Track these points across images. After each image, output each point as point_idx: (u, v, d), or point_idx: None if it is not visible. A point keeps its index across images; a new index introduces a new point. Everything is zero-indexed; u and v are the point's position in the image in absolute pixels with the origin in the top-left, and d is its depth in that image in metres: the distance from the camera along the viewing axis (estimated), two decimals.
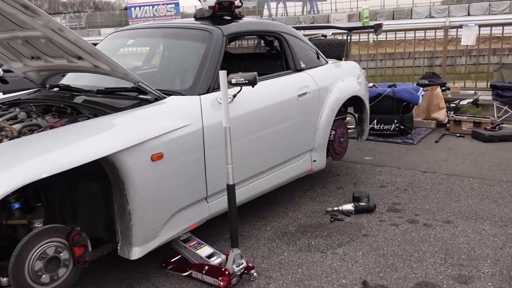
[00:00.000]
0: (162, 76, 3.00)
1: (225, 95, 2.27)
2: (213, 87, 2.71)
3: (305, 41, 3.64)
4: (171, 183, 2.35)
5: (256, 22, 3.29)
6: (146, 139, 2.20)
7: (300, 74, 3.40)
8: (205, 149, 2.53)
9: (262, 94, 2.97)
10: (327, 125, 3.54)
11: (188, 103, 2.54)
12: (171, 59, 3.06)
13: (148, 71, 2.98)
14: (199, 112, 2.53)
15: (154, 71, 3.07)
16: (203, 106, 2.57)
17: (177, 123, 2.38)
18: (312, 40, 6.44)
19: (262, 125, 2.92)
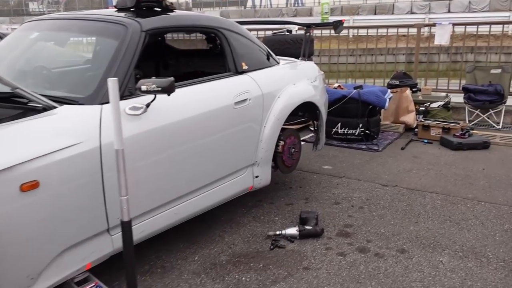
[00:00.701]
0: (60, 79, 2.50)
1: (116, 109, 1.81)
2: (122, 94, 2.24)
3: (250, 39, 3.18)
4: (53, 217, 1.89)
5: (188, 16, 2.82)
6: (12, 164, 1.72)
7: (240, 78, 2.95)
8: (104, 173, 2.06)
9: (188, 102, 2.52)
10: (272, 136, 3.10)
11: (84, 115, 2.06)
12: (74, 58, 2.56)
13: (45, 73, 2.49)
14: (97, 126, 2.06)
15: (53, 72, 2.57)
16: (104, 118, 2.10)
17: (63, 142, 1.91)
18: (276, 35, 6.00)
19: (186, 139, 2.47)
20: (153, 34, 2.53)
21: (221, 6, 41.68)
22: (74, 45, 2.72)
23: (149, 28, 2.49)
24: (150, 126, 2.27)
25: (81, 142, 1.97)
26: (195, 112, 2.52)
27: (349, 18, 28.38)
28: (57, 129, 1.96)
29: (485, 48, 7.74)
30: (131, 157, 2.18)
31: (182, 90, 2.53)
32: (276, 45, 5.75)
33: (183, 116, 2.45)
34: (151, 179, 2.31)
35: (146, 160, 2.27)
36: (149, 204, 2.34)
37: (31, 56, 2.65)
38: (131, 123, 2.20)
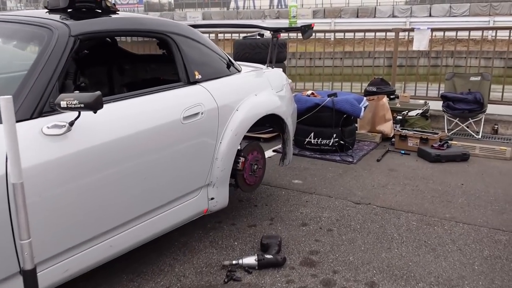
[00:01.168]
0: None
1: (12, 134, 1.46)
2: (41, 110, 1.90)
3: (206, 44, 2.86)
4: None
5: (131, 18, 2.48)
6: None
7: (192, 89, 2.62)
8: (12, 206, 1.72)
9: (126, 118, 2.18)
10: (229, 153, 2.78)
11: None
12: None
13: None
14: (2, 151, 1.71)
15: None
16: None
17: None
18: (246, 39, 5.70)
19: (121, 161, 2.13)
20: (85, 39, 2.18)
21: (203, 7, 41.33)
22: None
23: (80, 32, 2.15)
24: (76, 148, 1.93)
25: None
26: (133, 130, 2.18)
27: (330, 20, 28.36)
28: None
29: (464, 53, 7.55)
30: (51, 184, 1.84)
31: (119, 104, 2.19)
32: (247, 50, 5.47)
33: (118, 135, 2.11)
34: (76, 209, 1.97)
35: (70, 187, 1.93)
36: (75, 238, 2.00)
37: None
38: (51, 145, 1.86)
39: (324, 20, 28.56)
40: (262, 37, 5.47)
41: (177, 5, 43.81)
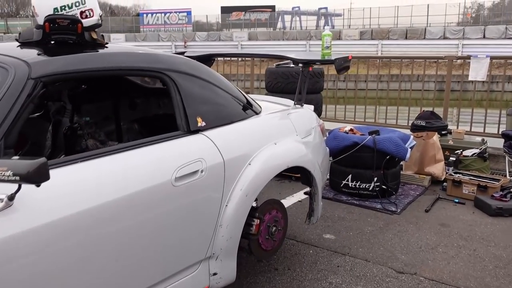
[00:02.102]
0: None
1: None
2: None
3: (215, 83, 2.37)
4: None
5: (117, 54, 2.03)
6: None
7: (191, 140, 2.12)
8: None
9: (96, 183, 1.71)
10: (238, 218, 2.25)
11: None
12: None
13: None
14: None
15: None
16: None
17: None
18: (279, 67, 5.20)
19: (85, 240, 1.65)
20: (50, 82, 1.74)
21: (250, 27, 41.56)
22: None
23: (44, 74, 1.71)
24: (17, 229, 1.47)
25: None
26: (104, 199, 1.69)
27: (378, 42, 27.52)
28: None
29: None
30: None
31: (87, 166, 1.72)
32: (279, 79, 4.98)
33: (82, 207, 1.63)
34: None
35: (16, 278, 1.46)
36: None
37: None
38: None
39: (371, 41, 27.81)
40: (297, 65, 4.99)
41: (224, 25, 44.37)
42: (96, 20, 2.05)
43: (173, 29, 41.40)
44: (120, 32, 41.11)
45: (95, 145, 2.77)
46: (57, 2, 1.94)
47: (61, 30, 1.92)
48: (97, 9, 2.05)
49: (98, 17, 2.06)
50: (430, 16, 32.71)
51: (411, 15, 34.02)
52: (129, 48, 2.20)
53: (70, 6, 1.96)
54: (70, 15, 1.95)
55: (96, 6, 2.05)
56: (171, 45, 33.34)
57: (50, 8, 1.94)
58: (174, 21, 43.18)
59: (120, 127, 3.19)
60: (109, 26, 45.31)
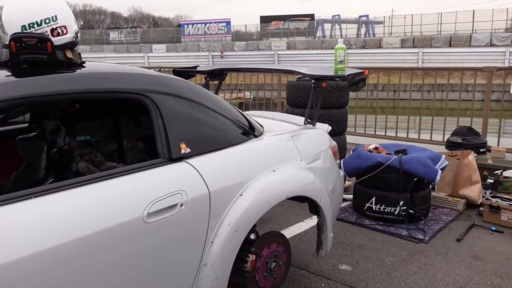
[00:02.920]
0: None
1: None
2: None
3: (206, 104, 2.15)
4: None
5: (90, 74, 1.84)
6: None
7: (170, 169, 1.90)
8: None
9: (52, 221, 1.52)
10: (226, 256, 2.01)
11: None
12: None
13: None
14: None
15: None
16: None
17: None
18: (301, 80, 4.94)
19: (46, 279, 1.46)
20: (7, 107, 1.58)
21: (289, 36, 41.39)
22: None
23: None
24: None
25: None
26: (58, 241, 1.50)
27: (418, 50, 26.64)
28: None
29: None
30: None
31: (44, 201, 1.54)
32: (300, 93, 4.72)
33: (35, 249, 1.44)
34: None
35: None
36: None
37: None
38: None
39: (412, 50, 26.96)
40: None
41: (263, 35, 44.43)
42: (70, 37, 1.88)
43: (213, 39, 41.91)
44: (161, 42, 41.99)
45: (87, 167, 2.61)
46: (25, 19, 1.79)
47: (29, 49, 1.76)
48: (72, 26, 1.89)
49: (74, 35, 1.90)
50: (475, 22, 31.37)
51: (455, 22, 32.77)
52: (107, 67, 2.02)
53: (39, 23, 1.80)
54: (38, 33, 1.79)
55: (71, 23, 1.89)
56: (208, 55, 33.67)
57: (18, 26, 1.79)
58: (213, 31, 43.76)
59: (122, 146, 3.03)
60: (151, 37, 46.46)
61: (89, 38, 47.41)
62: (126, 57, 34.92)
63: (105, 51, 39.11)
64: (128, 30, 52.10)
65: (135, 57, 34.56)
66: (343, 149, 4.78)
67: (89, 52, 38.36)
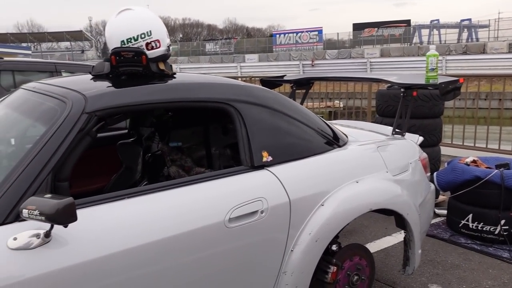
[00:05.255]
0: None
1: None
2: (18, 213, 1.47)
3: (289, 114, 2.16)
4: None
5: (178, 85, 1.96)
6: None
7: (252, 176, 1.94)
8: None
9: (136, 223, 1.63)
10: (306, 266, 2.00)
11: None
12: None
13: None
14: None
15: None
16: None
17: None
18: (391, 89, 4.75)
19: (123, 282, 1.57)
20: (106, 115, 1.73)
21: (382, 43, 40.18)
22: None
23: (99, 108, 1.70)
24: (55, 266, 1.45)
25: None
26: (143, 240, 1.60)
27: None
28: None
29: None
30: None
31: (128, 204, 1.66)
32: (390, 102, 4.55)
33: (120, 248, 1.56)
34: None
35: None
36: None
37: None
38: (15, 264, 1.41)
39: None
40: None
41: (355, 43, 43.65)
42: (163, 51, 2.01)
43: (304, 48, 42.08)
44: (254, 52, 43.10)
45: (178, 172, 2.76)
46: (124, 35, 1.95)
47: (127, 62, 1.92)
48: (164, 40, 2.02)
49: (166, 48, 2.03)
50: None
51: None
52: (195, 78, 2.12)
53: (136, 38, 1.95)
54: (135, 47, 1.94)
55: (164, 37, 2.02)
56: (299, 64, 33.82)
57: (117, 41, 1.96)
58: (305, 40, 43.95)
59: (210, 153, 3.16)
60: (244, 47, 47.90)
61: (187, 50, 50.18)
62: (220, 67, 36.34)
63: (201, 62, 41.09)
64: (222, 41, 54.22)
65: (229, 67, 35.81)
66: (436, 161, 4.51)
67: (187, 63, 40.56)
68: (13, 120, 1.97)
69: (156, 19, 2.04)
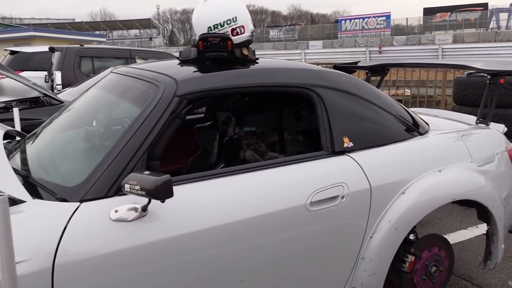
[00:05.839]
0: (57, 159, 1.91)
1: (5, 237, 1.14)
2: (118, 187, 1.59)
3: (371, 100, 2.14)
4: None
5: (261, 70, 1.99)
6: None
7: (333, 162, 1.95)
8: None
9: (221, 202, 1.69)
10: (384, 253, 1.99)
11: (43, 219, 1.48)
12: (88, 130, 2.01)
13: (56, 143, 2.00)
14: (56, 237, 1.45)
15: (62, 144, 2.05)
16: (73, 225, 1.48)
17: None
18: (471, 76, 4.52)
19: (209, 256, 1.65)
20: (195, 98, 1.80)
21: (455, 28, 38.06)
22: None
23: (189, 91, 1.78)
24: (149, 239, 1.55)
25: (25, 260, 1.38)
26: (229, 219, 1.67)
27: None
28: None
29: None
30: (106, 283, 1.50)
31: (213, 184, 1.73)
32: (470, 90, 4.34)
33: (208, 225, 1.64)
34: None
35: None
36: None
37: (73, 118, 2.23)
38: (115, 233, 1.52)
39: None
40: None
41: (425, 28, 41.70)
42: (247, 36, 2.06)
43: (371, 34, 40.86)
44: (318, 39, 42.45)
45: (253, 156, 2.83)
46: (210, 21, 2.02)
47: (213, 47, 1.98)
48: (248, 26, 2.06)
49: (250, 33, 2.07)
50: None
51: None
52: (278, 63, 2.15)
53: (222, 24, 2.01)
54: (221, 33, 2.00)
55: (248, 23, 2.07)
56: (365, 50, 32.90)
57: (204, 27, 2.03)
58: (372, 25, 42.65)
59: (283, 138, 3.19)
60: (308, 33, 47.32)
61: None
62: (284, 54, 36.19)
63: (264, 49, 41.12)
64: (286, 28, 53.85)
65: (293, 54, 35.56)
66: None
67: None
68: (108, 102, 2.10)
69: (241, 5, 2.08)
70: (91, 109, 2.15)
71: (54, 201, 1.55)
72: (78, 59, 7.40)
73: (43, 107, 4.46)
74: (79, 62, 7.40)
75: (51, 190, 1.60)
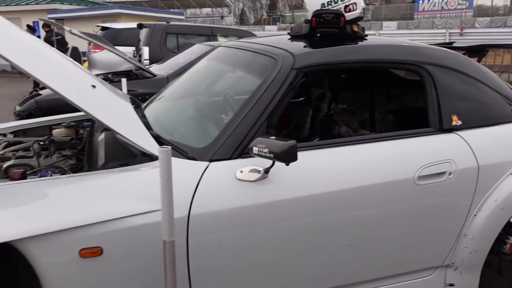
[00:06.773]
0: (183, 123, 2.12)
1: (167, 190, 1.32)
2: (242, 151, 1.75)
3: (481, 80, 2.13)
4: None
5: (373, 47, 2.06)
6: (69, 227, 1.49)
7: (441, 138, 1.98)
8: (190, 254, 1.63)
9: (337, 170, 1.81)
10: (487, 232, 2.01)
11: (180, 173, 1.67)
12: (212, 99, 2.17)
13: (177, 113, 2.18)
14: (191, 190, 1.63)
15: (183, 113, 2.22)
16: (204, 181, 1.66)
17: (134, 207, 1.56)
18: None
19: (322, 221, 1.78)
20: (310, 72, 1.91)
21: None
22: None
23: (305, 65, 1.89)
24: (264, 199, 1.70)
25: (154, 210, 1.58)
26: (343, 186, 1.78)
27: None
28: (134, 189, 1.63)
29: None
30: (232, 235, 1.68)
31: (333, 152, 1.83)
32: None
33: (328, 189, 1.76)
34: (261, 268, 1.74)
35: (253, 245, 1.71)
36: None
37: (187, 90, 2.41)
38: (239, 192, 1.68)
39: None
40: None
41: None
42: (358, 13, 2.12)
43: (450, 15, 38.62)
44: (392, 20, 40.81)
45: (347, 132, 2.90)
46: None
47: (325, 24, 2.06)
48: (360, 3, 2.12)
49: (361, 10, 2.13)
50: None
51: None
52: (387, 40, 2.20)
53: (336, 1, 2.08)
54: (335, 10, 2.08)
55: (360, 0, 2.12)
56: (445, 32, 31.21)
57: (318, 4, 2.11)
58: (452, 6, 40.24)
59: (374, 117, 3.23)
60: (382, 14, 45.61)
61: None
62: None
63: None
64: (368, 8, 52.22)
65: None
66: None
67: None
68: (225, 73, 2.27)
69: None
70: (209, 79, 2.32)
71: (186, 160, 1.73)
72: (164, 35, 7.75)
73: (137, 79, 4.82)
74: (165, 38, 7.75)
75: (182, 150, 1.78)
